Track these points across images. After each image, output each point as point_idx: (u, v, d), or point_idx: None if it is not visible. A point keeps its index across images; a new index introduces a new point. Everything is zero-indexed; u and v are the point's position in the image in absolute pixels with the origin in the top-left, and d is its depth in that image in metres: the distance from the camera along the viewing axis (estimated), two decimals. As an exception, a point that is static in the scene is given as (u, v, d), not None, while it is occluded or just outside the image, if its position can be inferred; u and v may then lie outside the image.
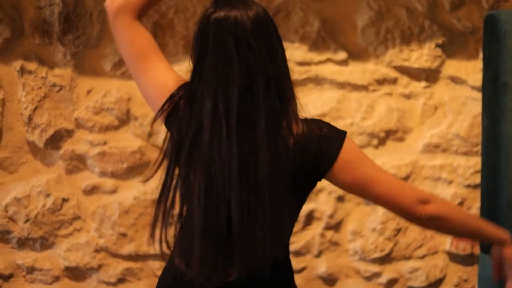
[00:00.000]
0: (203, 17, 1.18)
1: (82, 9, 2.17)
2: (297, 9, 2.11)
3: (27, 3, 2.19)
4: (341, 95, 2.14)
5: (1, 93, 2.21)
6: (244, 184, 1.15)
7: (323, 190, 2.16)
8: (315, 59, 2.13)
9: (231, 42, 1.14)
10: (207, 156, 1.15)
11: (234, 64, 1.14)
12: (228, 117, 1.14)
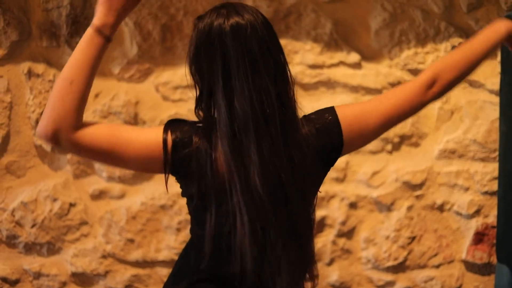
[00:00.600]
0: (211, 28, 1.17)
1: (90, 11, 2.18)
2: (309, 10, 2.11)
3: (35, 5, 2.21)
4: (354, 99, 2.12)
5: (8, 96, 2.24)
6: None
7: (335, 197, 2.15)
8: (327, 62, 2.11)
9: (255, 47, 1.16)
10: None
11: (261, 70, 1.16)
12: (272, 129, 1.17)
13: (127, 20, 2.15)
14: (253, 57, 1.15)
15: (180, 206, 2.18)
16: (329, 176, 2.11)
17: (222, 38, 1.15)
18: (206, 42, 1.17)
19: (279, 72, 1.20)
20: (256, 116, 1.15)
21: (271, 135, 1.16)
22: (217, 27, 1.16)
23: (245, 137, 1.16)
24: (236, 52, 1.15)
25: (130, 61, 2.18)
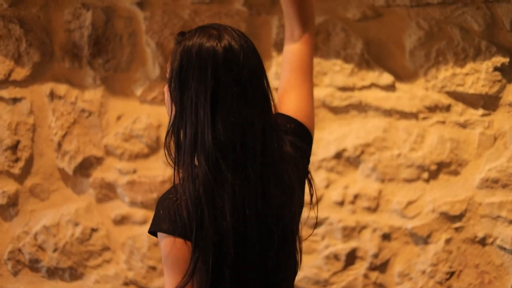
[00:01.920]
0: (202, 49, 1.16)
1: (112, 32, 2.23)
2: (338, 29, 2.07)
3: (58, 26, 2.27)
4: (387, 124, 2.08)
5: (31, 118, 2.31)
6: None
7: (366, 227, 2.11)
8: (358, 84, 2.08)
9: (246, 75, 1.17)
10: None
11: (249, 100, 1.18)
12: (249, 165, 1.19)
13: (149, 40, 2.18)
14: (243, 85, 1.17)
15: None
16: (360, 205, 2.08)
17: (215, 61, 1.15)
18: (196, 62, 1.16)
19: (266, 106, 1.21)
20: (236, 145, 1.16)
21: (248, 170, 1.18)
22: (210, 48, 1.16)
23: (224, 166, 1.16)
24: (227, 78, 1.16)
25: (153, 82, 2.21)
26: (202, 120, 1.16)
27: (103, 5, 2.20)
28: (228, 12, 2.13)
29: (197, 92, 1.16)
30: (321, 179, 2.12)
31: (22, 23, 2.23)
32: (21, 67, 2.25)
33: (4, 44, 2.24)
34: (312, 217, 2.05)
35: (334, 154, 2.10)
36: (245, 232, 1.20)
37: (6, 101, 2.28)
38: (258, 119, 1.19)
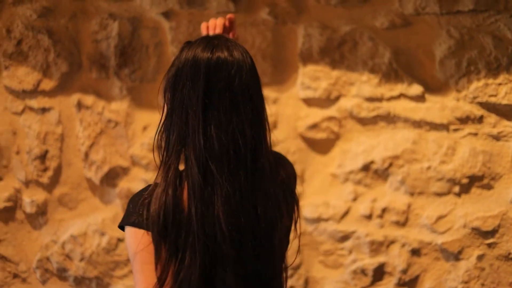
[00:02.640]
0: (198, 56, 1.23)
1: (138, 42, 2.28)
2: (366, 38, 2.08)
3: (85, 36, 2.34)
4: (417, 135, 2.07)
5: (60, 128, 2.39)
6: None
7: (395, 242, 2.10)
8: (386, 94, 2.07)
9: (237, 86, 1.22)
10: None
11: (240, 109, 1.23)
12: (241, 172, 1.23)
13: (175, 50, 2.23)
14: (234, 95, 1.21)
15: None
16: (388, 219, 2.07)
17: (207, 67, 1.21)
18: (191, 68, 1.22)
19: (257, 120, 1.24)
20: (229, 150, 1.20)
21: (240, 178, 1.22)
22: (204, 57, 1.22)
23: (215, 168, 1.20)
24: (218, 85, 1.21)
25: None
26: (192, 123, 1.20)
27: (130, 15, 2.26)
28: (253, 22, 2.15)
29: (189, 95, 1.22)
30: (348, 192, 2.12)
31: (51, 34, 2.30)
32: (50, 77, 2.33)
33: (33, 54, 2.32)
34: (339, 231, 2.06)
35: (362, 166, 2.09)
36: (240, 242, 1.23)
37: (35, 111, 2.37)
38: (250, 130, 1.22)
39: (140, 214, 1.23)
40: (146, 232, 1.22)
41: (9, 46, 2.33)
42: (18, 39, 2.32)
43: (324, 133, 2.12)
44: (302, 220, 2.17)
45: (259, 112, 1.27)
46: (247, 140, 1.23)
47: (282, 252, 1.38)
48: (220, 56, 1.22)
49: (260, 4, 2.14)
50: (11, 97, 2.38)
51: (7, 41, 2.33)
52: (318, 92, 2.10)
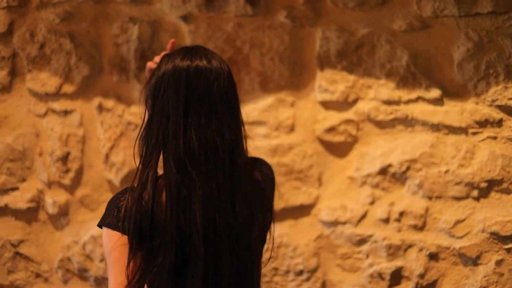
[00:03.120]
0: (177, 65, 1.32)
1: (158, 46, 2.34)
2: (383, 41, 2.10)
3: (106, 40, 2.41)
4: (435, 139, 2.08)
5: (81, 130, 2.46)
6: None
7: (413, 246, 2.11)
8: (404, 98, 2.09)
9: (216, 92, 1.32)
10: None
11: (219, 113, 1.33)
12: (219, 172, 1.32)
13: (194, 54, 2.28)
14: (213, 99, 1.31)
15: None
16: (405, 223, 2.10)
17: (187, 75, 1.31)
18: (172, 76, 1.31)
19: (234, 124, 1.34)
20: (208, 151, 1.29)
21: (218, 177, 1.30)
22: (184, 64, 1.32)
23: (194, 169, 1.28)
24: (198, 90, 1.30)
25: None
26: (173, 127, 1.28)
27: (150, 19, 2.32)
28: (271, 25, 2.19)
29: (170, 101, 1.30)
30: (365, 196, 2.14)
31: (73, 38, 2.38)
32: (71, 80, 2.40)
33: (55, 58, 2.40)
34: (356, 234, 2.09)
35: (379, 170, 2.12)
36: (214, 239, 1.29)
37: (58, 113, 2.45)
38: (228, 133, 1.31)
39: (115, 217, 1.30)
40: (121, 234, 1.29)
41: (32, 50, 2.42)
42: (41, 42, 2.41)
43: (342, 136, 2.15)
44: (319, 223, 2.21)
45: (236, 117, 1.37)
46: (225, 142, 1.32)
47: (258, 250, 1.45)
48: (199, 64, 1.32)
49: (278, 7, 2.18)
50: (35, 100, 2.47)
51: (30, 45, 2.42)
52: (336, 95, 2.14)
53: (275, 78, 2.20)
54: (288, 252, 2.22)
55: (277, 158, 2.20)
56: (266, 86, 2.21)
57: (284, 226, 2.23)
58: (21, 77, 2.48)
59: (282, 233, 2.22)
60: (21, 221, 2.54)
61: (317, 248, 2.20)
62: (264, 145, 2.21)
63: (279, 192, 2.20)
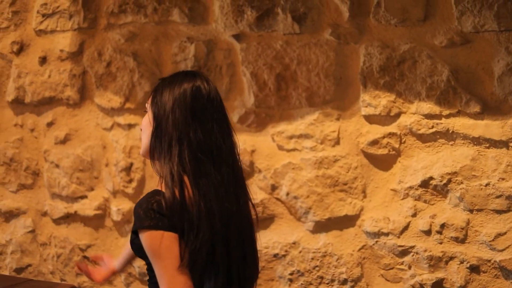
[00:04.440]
0: (183, 84, 1.62)
1: (213, 63, 2.59)
2: (424, 56, 2.24)
3: (166, 58, 2.69)
4: (476, 152, 2.18)
5: (143, 142, 2.76)
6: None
7: (454, 258, 2.22)
8: (444, 111, 2.22)
9: (216, 104, 1.66)
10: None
11: (223, 123, 1.66)
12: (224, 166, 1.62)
13: (245, 70, 2.52)
14: (213, 112, 1.63)
15: (293, 257, 2.47)
16: (447, 235, 2.22)
17: (193, 90, 1.62)
18: (177, 90, 1.62)
19: (229, 132, 1.67)
20: (213, 150, 1.59)
21: (223, 172, 1.59)
22: (190, 84, 1.63)
23: (206, 161, 1.57)
24: (201, 104, 1.62)
25: (248, 110, 2.53)
26: (184, 129, 1.58)
27: (206, 38, 2.58)
28: (317, 42, 2.39)
29: (179, 110, 1.60)
30: (408, 208, 2.28)
31: (136, 56, 2.68)
32: (134, 96, 2.70)
33: (120, 75, 2.71)
34: (399, 245, 2.25)
35: (421, 183, 2.25)
36: (228, 222, 1.57)
37: (122, 126, 2.75)
38: (226, 138, 1.64)
39: (153, 218, 1.52)
40: (163, 232, 1.51)
41: (100, 68, 2.74)
42: (107, 61, 2.73)
43: (385, 149, 2.31)
44: (363, 234, 2.37)
45: (229, 127, 1.69)
46: (226, 144, 1.62)
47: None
48: (200, 85, 1.63)
49: (324, 25, 2.38)
50: (102, 114, 2.79)
51: (98, 63, 2.74)
52: (378, 109, 2.30)
53: (321, 93, 2.39)
54: (333, 261, 2.39)
55: (322, 170, 2.39)
56: (312, 101, 2.41)
57: (330, 236, 2.41)
58: (90, 93, 2.81)
59: (328, 243, 2.40)
60: (89, 227, 2.86)
61: (361, 258, 2.36)
62: (310, 157, 2.41)
63: (324, 203, 2.39)
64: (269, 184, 2.49)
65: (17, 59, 2.95)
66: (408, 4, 2.23)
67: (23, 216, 3.00)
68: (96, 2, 2.77)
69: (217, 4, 2.53)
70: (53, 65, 2.87)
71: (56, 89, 2.87)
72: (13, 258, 3.01)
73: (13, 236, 3.01)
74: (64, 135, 2.87)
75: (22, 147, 2.98)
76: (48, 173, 2.93)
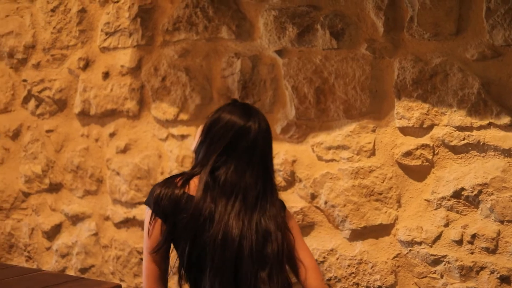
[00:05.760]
0: (233, 121, 1.99)
1: (257, 77, 2.78)
2: (455, 69, 2.32)
3: (216, 73, 2.91)
4: (506, 164, 2.24)
5: (195, 152, 2.98)
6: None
7: (484, 268, 2.29)
8: (476, 124, 2.30)
9: (260, 146, 2.06)
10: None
11: (253, 163, 2.04)
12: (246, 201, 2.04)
13: (287, 84, 2.69)
14: (252, 155, 2.00)
15: (330, 263, 2.60)
16: (478, 246, 2.30)
17: (238, 132, 1.98)
18: (227, 124, 1.98)
19: (266, 174, 2.04)
20: (238, 195, 1.93)
21: (248, 203, 1.96)
22: (240, 122, 1.98)
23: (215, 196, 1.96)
24: (242, 144, 1.98)
25: (290, 122, 2.69)
26: (215, 158, 1.96)
27: (251, 54, 2.78)
28: (354, 57, 2.53)
29: (220, 138, 1.96)
30: (440, 218, 2.37)
31: (188, 71, 2.91)
32: (186, 109, 2.93)
33: (174, 89, 2.95)
34: (431, 254, 2.35)
35: (453, 193, 2.34)
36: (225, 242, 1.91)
37: (176, 137, 2.98)
38: (259, 183, 2.01)
39: (152, 198, 2.01)
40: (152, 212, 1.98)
41: (156, 82, 2.99)
42: (163, 76, 2.97)
43: (419, 160, 2.42)
44: (398, 242, 2.48)
45: (267, 169, 2.04)
46: (254, 190, 1.99)
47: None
48: (251, 126, 1.95)
49: (360, 40, 2.52)
50: (158, 126, 3.03)
51: (154, 78, 2.99)
52: (412, 121, 2.41)
53: (357, 105, 2.53)
54: (368, 268, 2.51)
55: (358, 180, 2.52)
56: (349, 113, 2.55)
57: (365, 244, 2.53)
58: (147, 106, 3.06)
59: (363, 251, 2.53)
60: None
61: (395, 266, 2.47)
62: (347, 168, 2.54)
63: (360, 211, 2.52)
64: (309, 193, 2.64)
65: (83, 74, 3.25)
66: (441, 19, 2.34)
67: (88, 220, 3.29)
68: (153, 21, 3.02)
69: (261, 21, 2.72)
70: (115, 79, 3.14)
71: (117, 102, 3.14)
72: (78, 259, 3.30)
73: (78, 238, 3.30)
74: (124, 145, 3.13)
75: (87, 155, 3.27)
76: (110, 180, 3.20)
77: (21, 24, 3.46)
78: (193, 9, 2.87)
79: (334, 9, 2.56)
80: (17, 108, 3.53)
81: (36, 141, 3.45)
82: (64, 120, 3.37)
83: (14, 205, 3.56)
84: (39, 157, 3.43)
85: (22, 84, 3.49)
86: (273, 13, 2.68)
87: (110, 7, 3.16)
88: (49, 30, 3.35)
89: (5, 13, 3.52)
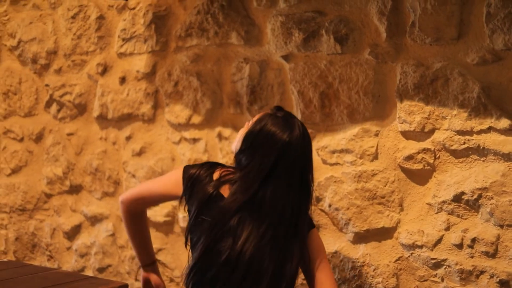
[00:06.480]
0: (275, 135, 2.10)
1: (265, 82, 2.84)
2: (456, 74, 2.34)
3: (226, 77, 2.98)
4: (506, 168, 2.25)
5: (206, 156, 3.03)
6: None
7: (484, 272, 2.30)
8: (476, 128, 2.31)
9: (297, 165, 2.14)
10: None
11: (293, 184, 2.11)
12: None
13: (293, 88, 2.74)
14: (292, 170, 2.06)
15: (334, 265, 2.64)
16: (478, 250, 2.32)
17: (282, 146, 2.07)
18: (270, 139, 2.08)
19: (304, 189, 2.10)
20: (275, 207, 2.05)
21: (271, 224, 2.04)
22: (283, 137, 2.08)
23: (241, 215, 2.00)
24: (286, 162, 2.07)
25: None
26: (257, 174, 2.08)
27: (259, 59, 2.84)
28: (357, 61, 2.57)
29: (263, 153, 2.08)
30: (441, 221, 2.39)
31: (199, 76, 2.99)
32: (198, 113, 3.01)
33: (186, 94, 3.03)
34: (432, 258, 2.38)
35: (453, 197, 2.36)
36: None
37: (188, 140, 3.07)
38: (297, 201, 2.08)
39: (192, 167, 2.24)
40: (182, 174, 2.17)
41: (169, 87, 3.08)
42: (175, 81, 3.06)
43: (420, 164, 2.44)
44: (400, 246, 2.50)
45: (303, 188, 2.11)
46: (291, 212, 2.06)
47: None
48: (291, 141, 2.06)
49: (364, 45, 2.55)
50: (171, 129, 3.12)
51: (167, 83, 3.08)
52: (413, 125, 2.44)
53: (361, 110, 2.57)
54: (370, 271, 2.55)
55: (361, 183, 2.56)
56: (353, 117, 2.59)
57: (368, 247, 2.56)
58: (161, 110, 3.15)
59: (366, 253, 2.56)
60: (160, 232, 3.20)
61: (397, 269, 2.50)
62: (350, 171, 2.58)
63: (363, 215, 2.55)
64: (314, 196, 2.68)
65: (101, 79, 3.37)
66: (442, 23, 2.36)
67: (106, 221, 3.40)
68: (167, 27, 3.12)
69: (269, 27, 2.78)
70: (131, 84, 3.25)
71: (133, 106, 3.24)
72: (96, 259, 3.41)
73: (96, 238, 3.41)
74: (139, 148, 3.23)
75: (105, 158, 3.38)
76: (126, 183, 3.31)
77: (43, 30, 3.60)
78: (204, 15, 2.95)
79: (339, 15, 2.60)
80: (40, 112, 3.67)
81: (57, 144, 3.58)
82: (84, 123, 3.49)
83: (37, 206, 3.70)
84: (60, 159, 3.56)
85: (45, 89, 3.63)
86: (280, 18, 2.74)
87: (127, 14, 3.26)
88: (69, 37, 3.47)
89: (29, 20, 3.66)
